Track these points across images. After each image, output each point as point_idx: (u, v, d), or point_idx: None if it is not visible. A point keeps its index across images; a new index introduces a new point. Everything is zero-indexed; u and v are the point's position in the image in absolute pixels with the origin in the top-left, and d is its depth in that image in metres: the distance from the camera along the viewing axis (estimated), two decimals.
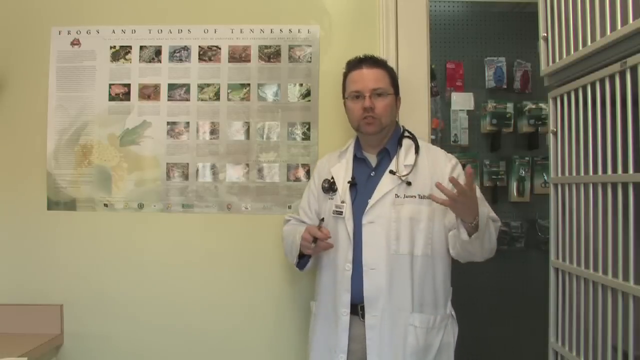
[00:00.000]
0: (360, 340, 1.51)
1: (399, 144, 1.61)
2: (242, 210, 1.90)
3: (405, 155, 1.57)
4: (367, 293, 1.49)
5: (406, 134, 1.64)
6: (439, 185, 1.36)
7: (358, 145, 1.65)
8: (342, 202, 1.57)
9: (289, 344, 1.87)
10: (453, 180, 1.35)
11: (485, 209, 1.47)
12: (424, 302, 1.50)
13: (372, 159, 1.62)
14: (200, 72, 1.92)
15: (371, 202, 1.53)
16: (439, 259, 1.53)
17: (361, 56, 1.63)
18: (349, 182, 1.58)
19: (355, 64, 1.62)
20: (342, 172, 1.62)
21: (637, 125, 1.18)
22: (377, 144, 1.61)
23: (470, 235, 1.41)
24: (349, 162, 1.63)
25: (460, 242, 1.45)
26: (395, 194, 1.52)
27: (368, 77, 1.57)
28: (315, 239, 1.49)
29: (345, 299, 1.52)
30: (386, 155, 1.60)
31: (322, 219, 1.55)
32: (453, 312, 1.58)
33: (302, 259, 1.63)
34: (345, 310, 1.52)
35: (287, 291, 1.88)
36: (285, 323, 1.87)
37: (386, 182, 1.54)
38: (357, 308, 1.51)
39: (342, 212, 1.55)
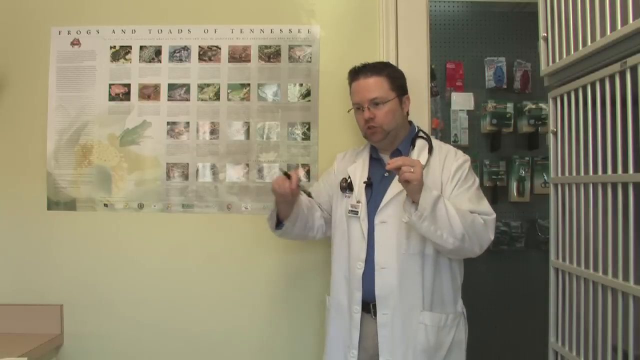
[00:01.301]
0: (372, 338, 1.53)
1: (412, 145, 1.61)
2: (242, 210, 1.90)
3: (417, 156, 1.58)
4: (378, 292, 1.51)
5: (420, 134, 1.64)
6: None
7: (374, 146, 1.66)
8: (358, 201, 1.58)
9: (293, 342, 1.87)
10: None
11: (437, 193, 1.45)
12: (435, 301, 1.52)
13: (387, 160, 1.61)
14: (200, 72, 1.92)
15: (383, 202, 1.54)
16: (452, 259, 1.54)
17: (358, 65, 1.62)
18: (364, 182, 1.59)
19: (353, 75, 1.62)
20: (359, 171, 1.63)
21: (637, 125, 1.18)
22: (389, 147, 1.62)
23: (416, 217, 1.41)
24: (365, 162, 1.64)
25: (413, 226, 1.44)
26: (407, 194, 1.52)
27: (365, 88, 1.57)
28: (287, 174, 1.51)
29: (357, 296, 1.54)
30: (398, 155, 1.60)
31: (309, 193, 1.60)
32: (464, 310, 1.59)
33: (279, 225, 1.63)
34: (357, 307, 1.54)
35: (288, 289, 1.88)
36: (290, 320, 1.87)
37: (398, 182, 1.53)
38: (369, 306, 1.53)
39: (357, 211, 1.57)
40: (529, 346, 2.12)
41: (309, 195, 1.61)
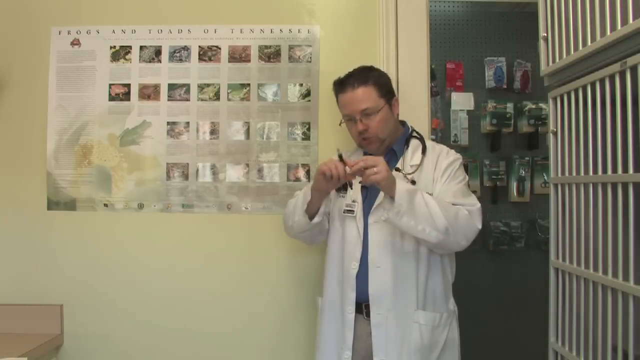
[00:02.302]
0: (364, 339, 1.52)
1: (406, 144, 1.61)
2: (242, 210, 1.90)
3: (411, 156, 1.58)
4: (372, 291, 1.51)
5: (414, 134, 1.64)
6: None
7: None
8: (354, 201, 1.58)
9: (292, 343, 1.87)
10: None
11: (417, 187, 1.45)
12: (429, 300, 1.52)
13: None
14: (200, 72, 1.92)
15: (377, 201, 1.54)
16: (444, 257, 1.55)
17: (342, 77, 1.61)
18: (360, 182, 1.59)
19: (339, 88, 1.60)
20: None
21: (637, 125, 1.18)
22: (383, 150, 1.62)
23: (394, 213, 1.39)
24: None
25: (392, 223, 1.43)
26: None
27: (354, 100, 1.55)
28: (341, 159, 1.44)
29: (351, 296, 1.53)
30: (393, 156, 1.61)
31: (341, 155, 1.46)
32: (456, 309, 1.59)
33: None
34: (351, 308, 1.54)
35: (288, 290, 1.89)
36: (288, 321, 1.88)
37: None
38: (361, 307, 1.53)
39: (353, 210, 1.56)
40: (529, 346, 2.12)
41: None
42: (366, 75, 1.57)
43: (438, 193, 1.51)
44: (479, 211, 1.49)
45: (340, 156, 1.45)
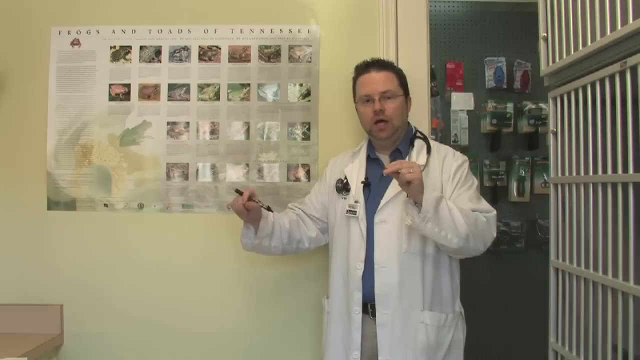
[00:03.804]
0: (370, 338, 1.53)
1: (411, 145, 1.62)
2: None
3: (417, 156, 1.58)
4: (378, 291, 1.51)
5: (418, 134, 1.64)
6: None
7: (371, 146, 1.67)
8: (356, 201, 1.58)
9: (295, 344, 1.87)
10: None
11: (439, 193, 1.44)
12: (435, 301, 1.52)
13: (385, 160, 1.63)
14: (200, 72, 1.92)
15: (383, 201, 1.54)
16: (450, 258, 1.55)
17: (369, 60, 1.64)
18: (362, 182, 1.60)
19: (363, 68, 1.63)
20: (356, 172, 1.63)
21: (637, 125, 1.18)
22: (390, 146, 1.63)
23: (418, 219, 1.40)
24: (362, 162, 1.64)
25: (417, 228, 1.43)
26: (407, 194, 1.52)
27: (377, 81, 1.58)
28: (238, 191, 1.52)
29: (357, 297, 1.54)
30: (398, 155, 1.61)
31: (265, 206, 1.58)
32: (462, 310, 1.59)
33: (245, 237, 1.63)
34: (357, 308, 1.54)
35: (291, 290, 1.88)
36: (291, 322, 1.87)
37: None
38: (367, 307, 1.53)
39: (355, 211, 1.57)
40: (529, 346, 2.12)
41: (268, 209, 1.59)
42: (391, 64, 1.66)
43: (450, 197, 1.51)
44: (495, 218, 1.50)
45: (236, 190, 1.54)
